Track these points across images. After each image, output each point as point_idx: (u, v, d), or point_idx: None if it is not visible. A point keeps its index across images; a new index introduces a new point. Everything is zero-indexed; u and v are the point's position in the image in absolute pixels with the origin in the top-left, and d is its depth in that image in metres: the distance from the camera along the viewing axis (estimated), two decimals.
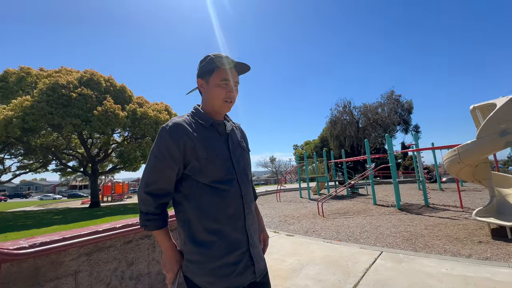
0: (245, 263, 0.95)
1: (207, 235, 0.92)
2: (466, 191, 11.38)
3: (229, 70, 1.00)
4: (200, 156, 0.92)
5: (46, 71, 16.39)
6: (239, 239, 0.96)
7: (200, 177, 0.93)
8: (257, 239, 1.05)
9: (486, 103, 4.87)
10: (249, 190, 1.04)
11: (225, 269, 0.91)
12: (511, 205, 4.57)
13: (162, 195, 0.94)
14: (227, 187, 0.95)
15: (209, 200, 0.93)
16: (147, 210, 0.93)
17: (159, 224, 0.94)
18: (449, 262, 2.84)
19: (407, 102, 30.64)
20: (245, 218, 0.98)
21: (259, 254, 1.03)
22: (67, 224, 9.19)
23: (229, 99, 1.01)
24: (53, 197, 43.38)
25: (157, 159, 0.92)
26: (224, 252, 0.92)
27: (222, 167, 0.95)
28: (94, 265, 1.74)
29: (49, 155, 17.90)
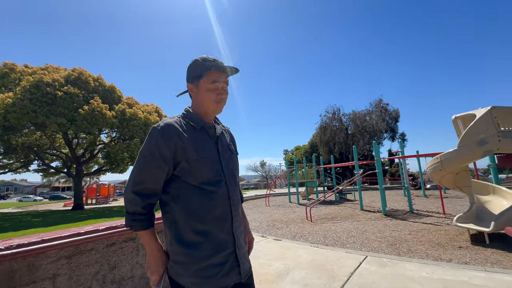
0: (230, 264, 0.96)
1: (194, 236, 0.92)
2: (449, 197, 11.79)
3: (217, 73, 1.02)
4: (190, 158, 0.92)
5: (31, 68, 15.86)
6: (226, 240, 0.96)
7: (189, 179, 0.93)
8: (243, 241, 1.06)
9: (467, 114, 5.10)
10: (237, 192, 1.06)
11: (211, 270, 0.92)
12: (489, 211, 4.76)
13: (150, 195, 0.93)
14: (216, 189, 0.96)
15: (198, 201, 0.93)
16: (133, 210, 0.92)
17: (145, 224, 0.93)
18: (430, 267, 2.93)
19: (394, 111, 31.60)
20: (232, 220, 1.00)
21: (244, 255, 1.04)
22: (47, 227, 8.82)
23: (220, 101, 1.03)
24: (33, 199, 41.50)
25: (146, 159, 0.91)
26: (211, 253, 0.92)
27: (211, 169, 0.96)
28: (74, 268, 1.68)
29: (31, 154, 17.21)
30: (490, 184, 5.62)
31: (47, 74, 14.55)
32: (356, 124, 30.93)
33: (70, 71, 16.06)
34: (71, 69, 16.38)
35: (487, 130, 4.29)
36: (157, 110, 19.47)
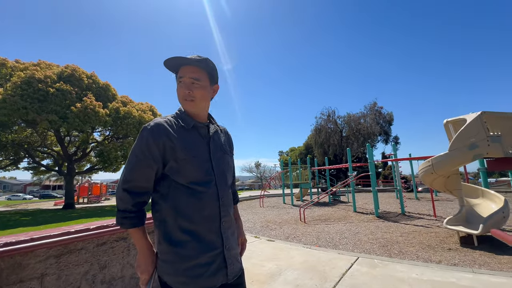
0: (217, 265, 0.95)
1: (181, 235, 0.92)
2: (440, 200, 11.98)
3: (182, 68, 0.99)
4: (179, 157, 0.93)
5: (22, 63, 15.53)
6: (213, 241, 0.96)
7: (178, 178, 0.94)
8: (234, 242, 1.05)
9: (458, 118, 5.20)
10: (227, 193, 1.04)
11: (197, 269, 0.91)
12: (478, 214, 4.86)
13: (140, 193, 0.94)
14: (204, 189, 0.95)
15: (186, 200, 0.93)
16: (124, 207, 0.93)
17: (135, 222, 0.93)
18: (419, 268, 2.98)
19: (388, 114, 32.03)
20: (221, 220, 0.99)
21: (234, 256, 1.03)
22: (36, 226, 8.64)
23: (188, 97, 0.99)
24: (23, 197, 40.62)
25: (137, 158, 0.92)
26: (198, 252, 0.92)
27: (199, 168, 0.96)
28: (63, 268, 1.66)
29: (21, 152, 16.84)
30: (479, 187, 5.74)
31: (39, 70, 14.27)
32: (351, 126, 31.26)
33: (63, 67, 15.79)
34: (64, 65, 16.11)
35: (477, 135, 4.39)
36: (152, 108, 19.30)
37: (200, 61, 0.99)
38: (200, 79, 1.00)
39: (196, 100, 1.00)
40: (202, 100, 1.02)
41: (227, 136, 1.19)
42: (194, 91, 0.99)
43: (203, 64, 1.01)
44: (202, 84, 1.00)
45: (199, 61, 0.99)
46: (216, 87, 1.09)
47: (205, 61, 1.01)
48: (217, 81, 1.10)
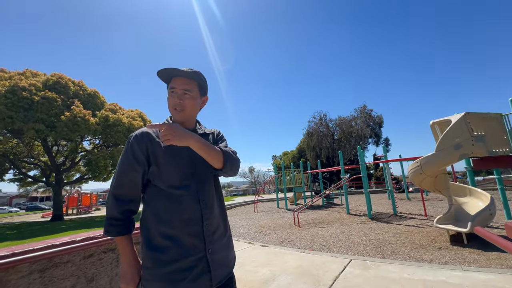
0: (200, 270, 0.93)
1: (161, 240, 0.93)
2: (430, 200, 12.21)
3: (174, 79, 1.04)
4: (159, 161, 0.97)
5: (8, 72, 15.14)
6: (195, 245, 0.95)
7: (158, 182, 0.97)
8: (221, 246, 1.02)
9: (443, 119, 5.36)
10: (210, 196, 1.02)
11: (177, 274, 0.90)
12: (466, 212, 4.98)
13: (127, 200, 0.97)
14: (183, 192, 0.96)
15: (164, 205, 0.95)
16: (111, 215, 0.96)
17: (121, 230, 0.96)
18: (411, 268, 3.02)
19: (378, 117, 32.69)
20: (203, 223, 0.97)
21: (220, 261, 1.00)
22: (22, 240, 8.32)
23: (178, 106, 1.03)
24: (8, 210, 39.13)
25: (123, 163, 0.98)
26: (177, 257, 0.91)
27: (178, 172, 0.98)
28: (47, 282, 1.60)
29: (6, 163, 16.28)
30: (466, 186, 5.89)
31: (23, 79, 13.95)
32: (342, 129, 31.70)
33: (49, 76, 15.50)
34: (51, 74, 15.81)
35: (461, 135, 4.53)
36: (141, 115, 19.08)
37: (192, 73, 1.04)
38: (191, 90, 1.04)
39: (186, 110, 1.04)
40: (192, 110, 1.07)
41: (216, 138, 1.18)
42: (185, 101, 1.03)
43: (195, 76, 1.05)
44: (192, 95, 1.05)
45: (191, 74, 1.04)
46: (205, 98, 1.16)
47: (197, 73, 1.06)
48: (207, 93, 1.15)
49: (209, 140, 1.14)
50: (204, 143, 0.92)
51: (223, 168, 0.98)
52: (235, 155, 1.05)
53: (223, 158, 0.97)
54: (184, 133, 0.87)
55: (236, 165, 1.03)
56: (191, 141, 0.88)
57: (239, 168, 1.09)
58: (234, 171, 1.04)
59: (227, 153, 1.00)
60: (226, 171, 1.00)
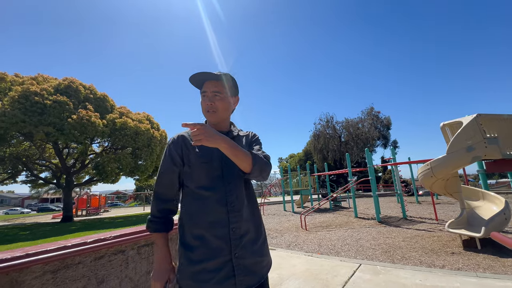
0: (225, 273, 0.93)
1: (192, 240, 0.97)
2: (441, 203, 11.93)
3: (205, 83, 1.08)
4: (191, 162, 1.02)
5: (21, 77, 15.65)
6: (221, 247, 0.95)
7: (189, 182, 1.02)
8: (251, 251, 0.99)
9: (454, 121, 5.25)
10: (239, 198, 1.01)
11: (204, 275, 0.92)
12: (479, 217, 4.84)
13: (166, 200, 1.05)
14: (210, 194, 0.98)
15: (194, 205, 1.00)
16: (152, 212, 1.06)
17: (158, 227, 1.03)
18: (423, 273, 2.94)
19: (386, 119, 32.25)
20: (230, 227, 0.97)
21: (249, 266, 0.97)
22: (34, 240, 8.52)
23: (210, 108, 1.07)
24: (20, 211, 40.12)
25: (163, 164, 1.07)
26: (205, 257, 0.93)
27: (208, 174, 1.01)
28: (60, 283, 1.62)
29: (19, 165, 16.75)
30: (479, 189, 5.73)
31: (35, 84, 14.38)
32: (349, 131, 31.39)
33: (60, 80, 15.93)
34: (62, 78, 16.25)
35: (473, 137, 4.42)
36: (148, 118, 19.37)
37: (220, 75, 1.07)
38: (221, 91, 1.07)
39: (218, 112, 1.08)
40: (224, 111, 1.10)
41: (249, 140, 1.18)
42: (216, 103, 1.07)
43: (224, 78, 1.09)
44: (222, 96, 1.07)
45: (220, 76, 1.07)
46: (236, 98, 1.18)
47: (225, 75, 1.09)
48: (238, 93, 1.18)
49: (242, 142, 1.15)
50: (233, 145, 0.92)
51: (251, 172, 0.97)
52: (266, 159, 1.03)
53: (252, 161, 0.96)
54: (214, 134, 0.87)
55: (265, 169, 1.01)
56: (221, 143, 0.88)
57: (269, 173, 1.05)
58: (263, 175, 1.01)
59: (257, 157, 0.98)
60: (255, 176, 0.99)
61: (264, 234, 1.10)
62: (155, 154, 18.11)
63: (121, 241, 1.94)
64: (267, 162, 1.03)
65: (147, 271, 2.20)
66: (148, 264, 2.22)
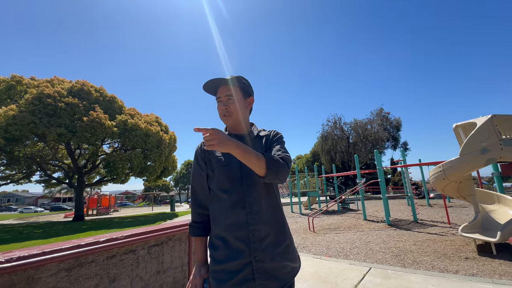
0: (244, 275, 0.93)
1: (215, 240, 1.02)
2: (453, 207, 11.60)
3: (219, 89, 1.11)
4: (213, 166, 1.07)
5: (37, 80, 16.19)
6: (241, 249, 0.95)
7: (212, 185, 1.07)
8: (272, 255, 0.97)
9: (468, 122, 5.11)
10: (258, 201, 1.00)
11: (224, 274, 0.95)
12: (495, 221, 4.68)
13: (201, 205, 1.11)
14: (229, 196, 1.01)
15: (216, 207, 1.04)
16: (192, 217, 1.14)
17: (195, 232, 1.11)
18: (435, 278, 2.86)
19: (396, 120, 31.65)
20: (249, 229, 0.96)
21: (270, 271, 0.95)
22: (47, 239, 8.75)
23: (225, 112, 1.11)
24: (34, 210, 41.36)
25: (193, 172, 1.14)
26: (226, 258, 0.96)
27: (228, 177, 1.03)
28: (73, 281, 1.66)
29: (33, 165, 17.28)
30: (494, 193, 5.55)
31: (49, 87, 14.86)
32: (358, 133, 30.96)
33: (74, 83, 16.41)
34: (75, 81, 16.74)
35: (488, 139, 4.29)
36: (157, 120, 19.70)
37: (231, 79, 1.10)
38: (233, 95, 1.10)
39: (233, 114, 1.10)
40: (238, 113, 1.11)
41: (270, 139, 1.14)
42: (230, 106, 1.09)
43: (235, 81, 1.11)
44: (235, 99, 1.10)
45: (232, 80, 1.10)
46: (251, 99, 1.19)
47: (237, 78, 1.12)
48: (252, 94, 1.20)
49: (262, 143, 1.13)
50: (244, 150, 0.88)
51: (266, 176, 0.93)
52: (283, 161, 0.98)
53: (265, 165, 0.92)
54: (226, 139, 0.86)
55: (282, 172, 0.96)
56: (232, 148, 0.86)
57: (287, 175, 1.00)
58: (280, 178, 0.96)
59: (272, 159, 0.94)
60: (271, 179, 0.95)
61: (289, 239, 1.06)
62: (164, 156, 18.37)
63: (132, 241, 1.97)
64: (284, 163, 0.97)
65: (157, 271, 2.23)
66: (158, 264, 2.25)
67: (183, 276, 2.46)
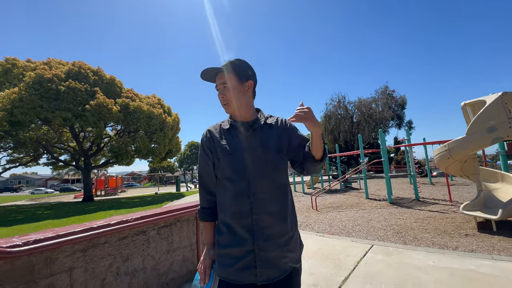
0: (246, 262, 0.96)
1: (221, 226, 1.05)
2: (456, 185, 11.70)
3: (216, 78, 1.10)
4: (218, 155, 1.06)
5: (33, 62, 15.90)
6: (244, 237, 0.97)
7: (218, 173, 1.08)
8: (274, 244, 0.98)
9: (477, 100, 4.96)
10: (263, 190, 1.00)
11: (227, 259, 0.99)
12: (497, 199, 4.72)
13: (208, 191, 1.13)
14: (233, 186, 1.01)
15: (222, 194, 1.06)
16: (201, 203, 1.16)
17: (204, 217, 1.14)
18: (436, 255, 2.95)
19: (401, 98, 30.97)
20: (253, 217, 0.97)
21: (271, 260, 0.97)
22: (59, 219, 9.11)
23: (223, 101, 1.10)
24: (44, 191, 42.72)
25: (199, 159, 1.14)
26: (230, 244, 1.00)
27: (232, 165, 1.02)
28: (89, 261, 1.75)
29: (40, 148, 17.56)
30: (498, 171, 5.54)
31: (47, 70, 14.63)
32: (362, 112, 30.50)
33: (70, 65, 16.09)
34: (72, 62, 16.41)
35: (497, 117, 4.19)
36: (160, 101, 19.55)
37: (225, 65, 1.06)
38: (227, 81, 1.07)
39: (230, 102, 1.08)
40: (236, 100, 1.08)
41: (279, 129, 1.10)
42: (226, 94, 1.07)
43: (228, 67, 1.06)
44: (230, 85, 1.07)
45: (224, 66, 1.06)
46: (249, 83, 1.10)
47: (230, 63, 1.07)
48: (251, 77, 1.11)
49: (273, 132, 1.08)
50: (321, 133, 1.00)
51: (322, 160, 1.04)
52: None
53: (323, 151, 1.03)
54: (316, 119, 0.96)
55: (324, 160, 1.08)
56: (318, 128, 0.96)
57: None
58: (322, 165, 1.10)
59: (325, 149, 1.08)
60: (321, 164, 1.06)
61: (294, 230, 1.06)
62: (168, 139, 18.48)
63: (142, 223, 2.03)
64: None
65: (167, 250, 2.33)
66: (168, 243, 2.34)
67: (192, 254, 2.57)
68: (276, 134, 1.08)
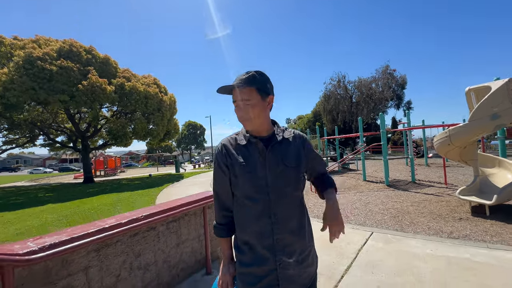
0: (269, 281, 0.98)
1: (242, 244, 1.05)
2: (451, 166, 11.95)
3: (234, 92, 1.03)
4: (236, 172, 1.02)
5: (21, 40, 15.10)
6: (266, 257, 0.98)
7: (236, 191, 1.05)
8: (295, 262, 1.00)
9: (482, 86, 4.90)
10: (284, 210, 1.00)
11: (250, 278, 1.00)
12: (492, 184, 4.85)
13: (224, 208, 1.11)
14: (254, 205, 0.99)
15: (241, 213, 1.04)
16: (217, 219, 1.15)
17: (220, 233, 1.13)
18: (433, 243, 3.09)
19: (401, 77, 30.52)
20: (274, 238, 0.98)
21: (292, 277, 0.99)
22: (62, 203, 9.24)
23: (243, 118, 1.04)
24: (43, 171, 42.95)
25: (215, 175, 1.11)
26: (253, 262, 1.00)
27: (251, 184, 1.00)
28: (103, 259, 1.80)
29: (35, 130, 17.31)
30: (496, 157, 5.63)
31: (37, 48, 13.91)
32: (361, 91, 30.14)
33: (61, 42, 15.32)
34: (62, 40, 15.63)
35: (501, 103, 4.16)
36: (156, 81, 19.02)
37: (246, 80, 1.00)
38: (250, 98, 1.01)
39: (251, 119, 1.03)
40: (257, 117, 1.03)
41: (297, 145, 1.09)
42: (249, 112, 1.01)
43: (250, 82, 1.00)
44: (252, 102, 1.01)
45: (246, 81, 1.00)
46: (270, 98, 1.07)
47: (252, 78, 1.01)
48: (271, 92, 1.08)
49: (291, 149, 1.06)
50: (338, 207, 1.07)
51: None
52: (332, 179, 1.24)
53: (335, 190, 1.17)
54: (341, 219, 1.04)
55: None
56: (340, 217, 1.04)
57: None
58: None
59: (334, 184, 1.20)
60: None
61: (311, 243, 1.10)
62: (166, 119, 18.23)
63: (152, 220, 2.06)
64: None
65: (177, 243, 2.40)
66: (177, 237, 2.40)
67: (200, 245, 2.66)
68: (294, 150, 1.07)
